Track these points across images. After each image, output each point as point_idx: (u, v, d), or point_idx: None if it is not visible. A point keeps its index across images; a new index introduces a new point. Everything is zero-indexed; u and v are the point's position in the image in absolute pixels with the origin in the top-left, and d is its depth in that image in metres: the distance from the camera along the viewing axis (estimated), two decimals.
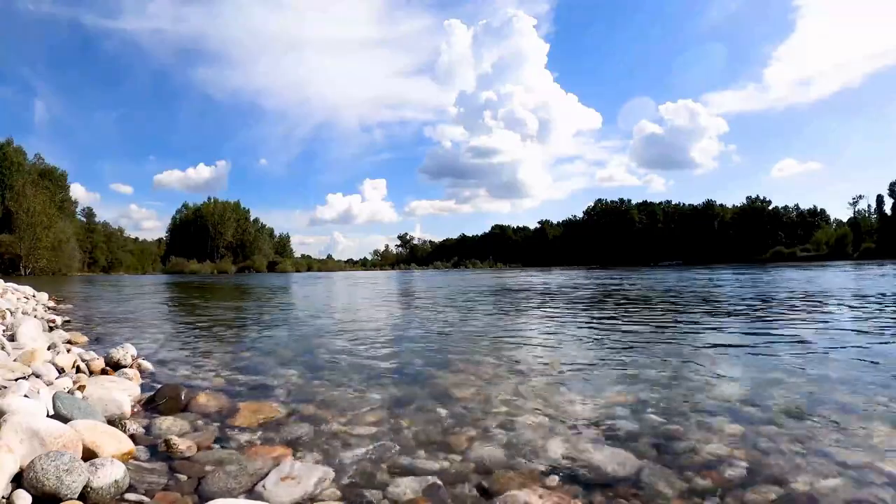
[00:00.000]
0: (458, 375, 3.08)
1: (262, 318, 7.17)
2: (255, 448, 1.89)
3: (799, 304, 7.51)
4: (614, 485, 1.59)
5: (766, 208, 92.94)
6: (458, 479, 1.65)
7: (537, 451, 1.85)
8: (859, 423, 2.09)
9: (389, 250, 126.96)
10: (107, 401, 2.21)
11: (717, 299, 8.74)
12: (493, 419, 2.22)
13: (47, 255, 57.55)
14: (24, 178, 60.28)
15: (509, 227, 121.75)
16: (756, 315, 6.36)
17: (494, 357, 3.74)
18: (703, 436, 1.97)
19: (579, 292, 11.66)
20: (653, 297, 9.71)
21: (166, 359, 3.73)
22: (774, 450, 1.82)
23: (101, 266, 72.82)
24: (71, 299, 11.03)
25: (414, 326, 5.94)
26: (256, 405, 2.41)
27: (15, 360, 2.71)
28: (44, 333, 4.15)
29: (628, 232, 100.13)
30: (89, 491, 1.44)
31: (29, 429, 1.57)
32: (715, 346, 4.03)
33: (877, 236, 69.17)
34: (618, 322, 5.88)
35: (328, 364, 3.50)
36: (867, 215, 77.09)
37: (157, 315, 7.85)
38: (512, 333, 5.16)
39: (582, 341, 4.43)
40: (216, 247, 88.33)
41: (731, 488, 1.54)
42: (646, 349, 3.94)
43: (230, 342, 4.68)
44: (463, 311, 7.70)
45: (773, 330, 4.98)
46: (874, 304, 7.26)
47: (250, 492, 1.54)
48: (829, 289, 10.65)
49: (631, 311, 7.26)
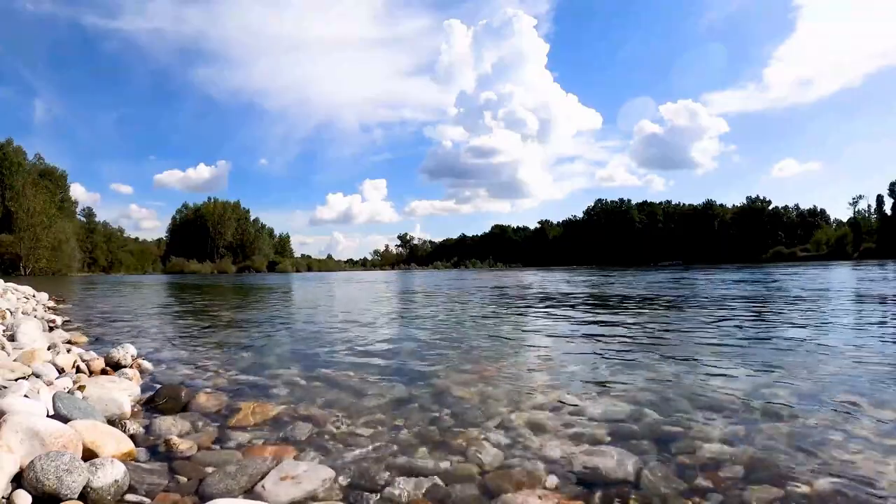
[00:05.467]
0: (458, 375, 3.08)
1: (262, 318, 7.17)
2: (255, 448, 1.89)
3: (799, 304, 7.51)
4: (614, 485, 1.59)
5: (766, 208, 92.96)
6: (459, 479, 1.65)
7: (537, 451, 1.85)
8: (859, 422, 2.09)
9: (389, 250, 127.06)
10: (107, 401, 2.21)
11: (717, 299, 8.74)
12: (493, 419, 2.22)
13: (47, 255, 57.59)
14: (24, 178, 60.34)
15: (509, 227, 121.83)
16: (756, 315, 6.36)
17: (494, 357, 3.74)
18: (703, 436, 1.97)
19: (579, 292, 11.65)
20: (652, 296, 9.70)
21: (166, 359, 3.73)
22: (774, 449, 1.82)
23: (100, 266, 72.84)
24: (71, 299, 11.03)
25: (414, 326, 5.94)
26: (256, 405, 2.41)
27: (15, 360, 2.71)
28: (44, 333, 4.15)
29: (628, 232, 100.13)
30: (89, 491, 1.44)
31: (29, 429, 1.57)
32: (715, 345, 4.03)
33: (877, 236, 69.11)
34: (617, 322, 5.88)
35: (328, 364, 3.50)
36: (867, 215, 77.06)
37: (157, 315, 7.85)
38: (512, 333, 5.16)
39: (582, 341, 4.43)
40: (216, 247, 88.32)
41: (731, 488, 1.54)
42: (645, 349, 3.93)
43: (230, 342, 4.68)
44: (463, 311, 7.70)
45: (773, 330, 4.97)
46: (874, 304, 7.26)
47: (250, 492, 1.54)
48: (829, 289, 10.65)
49: (630, 310, 7.26)
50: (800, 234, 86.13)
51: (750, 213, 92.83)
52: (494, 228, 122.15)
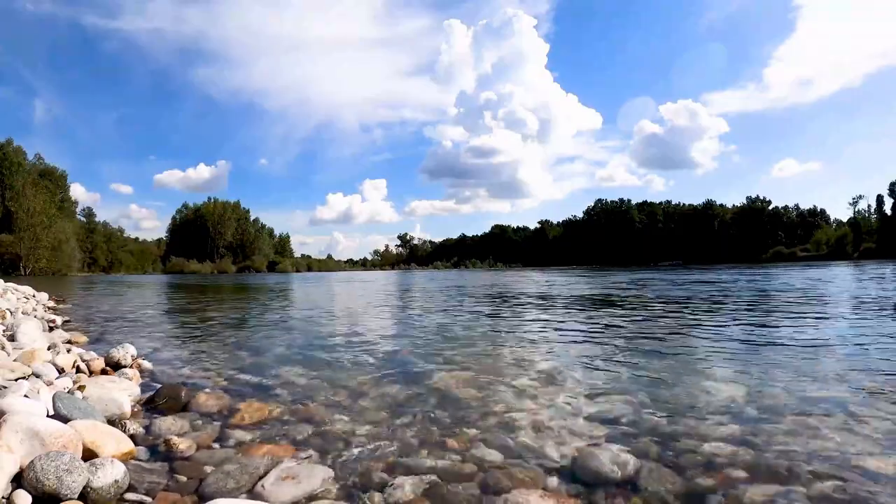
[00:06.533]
0: (457, 375, 3.08)
1: (262, 318, 7.17)
2: (255, 448, 1.89)
3: (798, 304, 7.51)
4: (614, 485, 1.59)
5: (766, 208, 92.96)
6: (459, 479, 1.65)
7: (537, 451, 1.85)
8: (859, 422, 2.09)
9: (389, 250, 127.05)
10: (107, 401, 2.21)
11: (717, 299, 8.74)
12: (492, 419, 2.22)
13: (47, 255, 57.58)
14: (24, 178, 60.32)
15: (509, 227, 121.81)
16: (756, 315, 6.36)
17: (494, 357, 3.74)
18: (703, 436, 1.97)
19: (579, 292, 11.66)
20: (652, 297, 9.70)
21: (166, 359, 3.73)
22: (774, 449, 1.82)
23: (101, 266, 72.82)
24: (71, 299, 11.03)
25: (414, 326, 5.94)
26: (256, 405, 2.41)
27: (15, 360, 2.71)
28: (44, 333, 4.15)
29: (628, 232, 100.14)
30: (89, 491, 1.44)
31: (29, 429, 1.57)
32: (715, 345, 4.03)
33: (877, 236, 69.08)
34: (617, 322, 5.88)
35: (328, 363, 3.50)
36: (867, 215, 77.04)
37: (157, 315, 7.85)
38: (512, 333, 5.15)
39: (582, 341, 4.43)
40: (216, 247, 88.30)
41: (731, 488, 1.54)
42: (645, 349, 3.94)
43: (230, 342, 4.68)
44: (463, 311, 7.70)
45: (773, 330, 4.97)
46: (874, 304, 7.26)
47: (250, 491, 1.54)
48: (828, 289, 10.65)
49: (630, 311, 7.26)
50: (800, 234, 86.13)
51: (750, 213, 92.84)
52: (494, 228, 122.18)
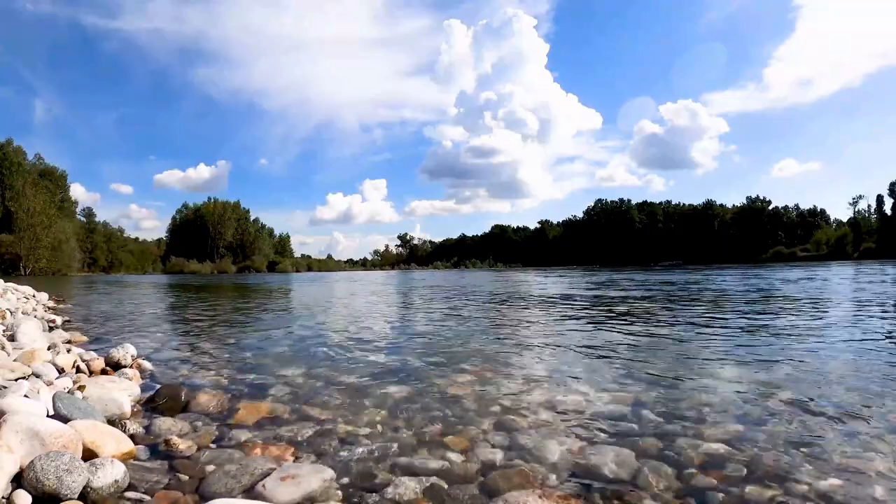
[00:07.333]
0: (457, 375, 3.08)
1: (262, 318, 7.17)
2: (255, 448, 1.89)
3: (798, 303, 7.51)
4: (614, 485, 1.59)
5: (766, 208, 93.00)
6: (459, 479, 1.65)
7: (537, 451, 1.85)
8: (859, 422, 2.09)
9: (389, 250, 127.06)
10: (107, 401, 2.21)
11: (717, 299, 8.74)
12: (493, 419, 2.22)
13: (47, 255, 57.64)
14: (24, 178, 60.39)
15: (509, 227, 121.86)
16: (755, 315, 6.36)
17: (494, 357, 3.73)
18: (703, 435, 1.97)
19: (578, 292, 11.66)
20: (652, 296, 9.70)
21: (166, 359, 3.73)
22: (774, 449, 1.82)
23: (101, 266, 72.85)
24: (71, 299, 11.03)
25: (414, 326, 5.94)
26: (256, 405, 2.41)
27: (15, 360, 2.71)
28: (44, 333, 4.15)
29: (628, 232, 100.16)
30: (89, 491, 1.44)
31: (29, 429, 1.57)
32: (714, 345, 4.03)
33: (877, 236, 69.11)
34: (617, 322, 5.88)
35: (328, 364, 3.50)
36: (867, 215, 77.06)
37: (157, 315, 7.84)
38: (512, 333, 5.15)
39: (581, 341, 4.43)
40: (216, 247, 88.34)
41: (731, 488, 1.54)
42: (645, 349, 3.94)
43: (230, 342, 4.68)
44: (463, 311, 7.70)
45: (773, 330, 4.97)
46: (874, 304, 7.25)
47: (250, 491, 1.54)
48: (828, 289, 10.65)
49: (630, 310, 7.26)
50: (800, 234, 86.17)
51: (750, 213, 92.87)
52: (494, 228, 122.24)
